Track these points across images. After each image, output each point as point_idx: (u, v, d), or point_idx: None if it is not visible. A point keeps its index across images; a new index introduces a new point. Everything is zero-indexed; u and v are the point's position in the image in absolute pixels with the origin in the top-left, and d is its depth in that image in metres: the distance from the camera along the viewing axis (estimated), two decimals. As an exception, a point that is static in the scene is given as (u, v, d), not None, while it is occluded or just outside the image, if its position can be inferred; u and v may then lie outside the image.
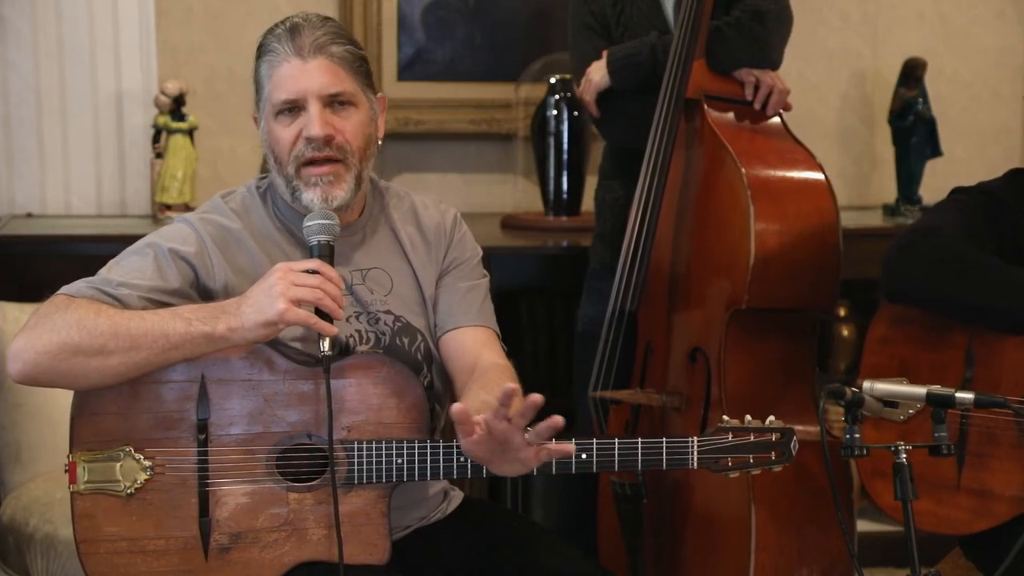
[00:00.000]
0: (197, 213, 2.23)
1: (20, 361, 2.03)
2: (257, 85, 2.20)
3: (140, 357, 2.02)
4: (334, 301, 2.04)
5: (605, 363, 2.96)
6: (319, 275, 2.04)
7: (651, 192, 2.89)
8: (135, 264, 2.12)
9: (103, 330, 2.01)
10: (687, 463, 2.15)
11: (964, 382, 2.42)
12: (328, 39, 2.15)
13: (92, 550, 2.08)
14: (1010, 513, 2.36)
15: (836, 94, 4.33)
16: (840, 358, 4.10)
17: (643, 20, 3.12)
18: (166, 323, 2.03)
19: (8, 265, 3.43)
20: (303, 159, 2.14)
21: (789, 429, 2.18)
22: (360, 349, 2.20)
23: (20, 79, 3.79)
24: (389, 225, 2.29)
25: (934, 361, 2.46)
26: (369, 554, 2.11)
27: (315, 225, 2.10)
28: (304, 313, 2.02)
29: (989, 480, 2.38)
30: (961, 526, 2.41)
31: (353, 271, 2.23)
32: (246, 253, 2.18)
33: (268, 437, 2.10)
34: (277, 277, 2.03)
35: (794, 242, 2.74)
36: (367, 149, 2.19)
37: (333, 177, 2.15)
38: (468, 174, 4.14)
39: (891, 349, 2.51)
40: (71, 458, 2.08)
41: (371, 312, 2.22)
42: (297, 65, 2.13)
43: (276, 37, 2.16)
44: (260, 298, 2.02)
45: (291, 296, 2.01)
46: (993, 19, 4.40)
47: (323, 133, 2.13)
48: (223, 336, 2.03)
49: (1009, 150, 4.46)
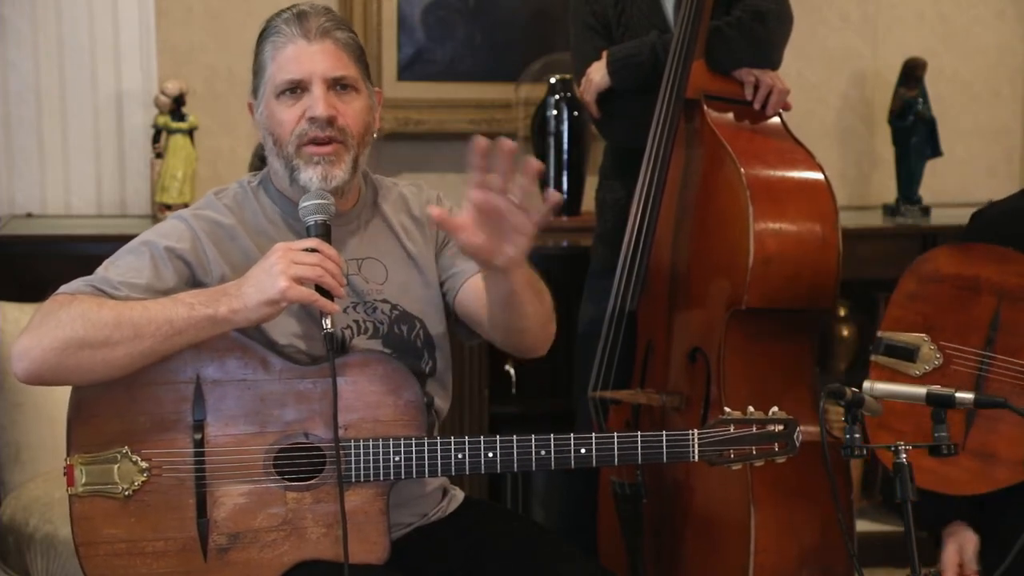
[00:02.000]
0: (191, 209, 2.24)
1: (27, 359, 2.02)
2: (258, 67, 2.22)
3: (145, 345, 2.02)
4: (335, 278, 2.05)
5: (605, 363, 2.96)
6: (318, 253, 2.05)
7: (651, 192, 2.89)
8: (132, 263, 2.13)
9: (107, 321, 2.01)
10: (688, 456, 2.15)
11: (986, 343, 2.43)
12: (333, 25, 2.19)
13: (91, 552, 2.08)
14: (1009, 479, 2.37)
15: (836, 94, 4.33)
16: (840, 358, 4.11)
17: (643, 20, 3.12)
18: (169, 309, 2.03)
19: (8, 265, 3.43)
20: (305, 138, 2.16)
21: (792, 420, 2.18)
22: (358, 339, 2.21)
23: (20, 79, 3.79)
24: (381, 215, 2.31)
25: (959, 321, 2.46)
26: (368, 552, 2.11)
27: (311, 205, 2.11)
28: (306, 290, 2.02)
29: (994, 444, 2.38)
30: (960, 486, 2.41)
31: (348, 261, 2.23)
32: (240, 248, 2.18)
33: (265, 437, 2.10)
34: (277, 256, 2.03)
35: (793, 242, 2.74)
36: (365, 135, 2.21)
37: (334, 157, 2.16)
38: (468, 174, 4.13)
39: (917, 306, 2.51)
40: (68, 461, 2.08)
41: (367, 302, 2.23)
42: (303, 46, 2.16)
43: (283, 20, 2.19)
44: (261, 277, 2.03)
45: (292, 274, 2.01)
46: (993, 19, 4.40)
47: (327, 113, 2.14)
48: (226, 318, 2.03)
49: (1009, 150, 4.46)
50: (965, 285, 2.47)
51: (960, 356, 2.43)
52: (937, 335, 2.45)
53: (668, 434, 2.15)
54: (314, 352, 2.14)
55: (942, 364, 2.43)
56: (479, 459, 2.11)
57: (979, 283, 2.46)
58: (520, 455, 2.12)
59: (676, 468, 2.86)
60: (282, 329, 2.13)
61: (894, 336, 2.45)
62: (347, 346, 2.20)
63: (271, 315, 2.05)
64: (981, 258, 2.47)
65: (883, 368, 2.47)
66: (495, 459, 2.11)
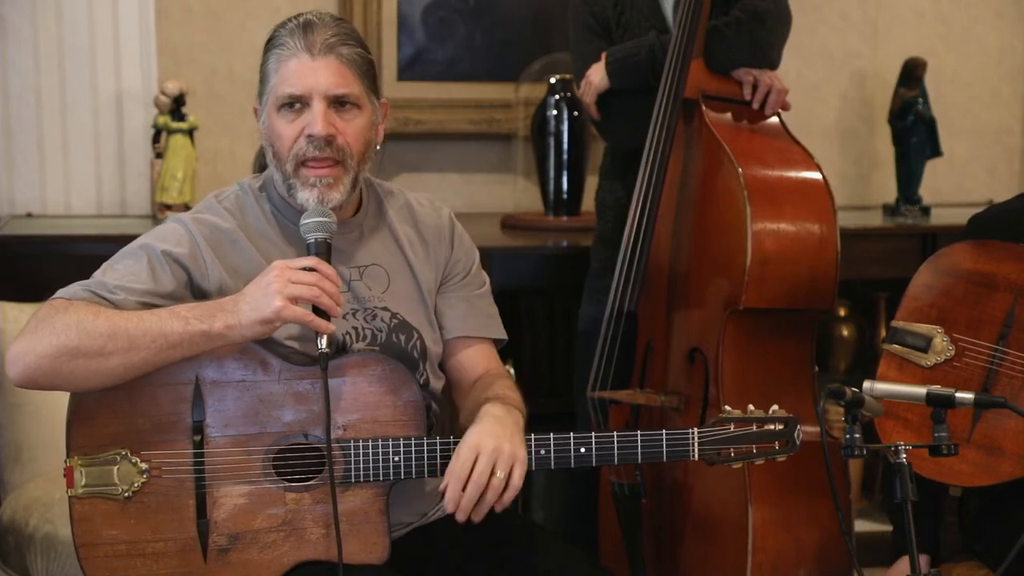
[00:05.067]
0: (191, 213, 2.23)
1: (20, 364, 2.03)
2: (263, 75, 2.20)
3: (139, 357, 2.02)
4: (331, 298, 2.05)
5: (604, 363, 2.96)
6: (316, 272, 2.04)
7: (649, 192, 2.89)
8: (130, 267, 2.12)
9: (102, 331, 2.01)
10: (688, 455, 2.15)
11: (999, 338, 2.44)
12: (339, 40, 2.15)
13: (91, 554, 2.08)
14: (1012, 473, 2.37)
15: (836, 94, 4.33)
16: (840, 358, 4.10)
17: (642, 21, 3.12)
18: (164, 323, 2.03)
19: (8, 265, 3.43)
20: (303, 157, 2.14)
21: (792, 418, 2.18)
22: (357, 346, 2.20)
23: (20, 79, 3.79)
24: (386, 223, 2.30)
25: (973, 316, 2.47)
26: (368, 552, 2.11)
27: (312, 223, 2.10)
28: (301, 311, 2.02)
29: (1000, 437, 2.39)
30: (963, 478, 2.42)
31: (351, 268, 2.23)
32: (240, 252, 2.18)
33: (264, 437, 2.10)
34: (274, 275, 2.03)
35: (792, 242, 2.74)
36: (366, 153, 2.20)
37: (332, 180, 2.15)
38: (468, 174, 4.14)
39: (932, 298, 2.52)
40: (68, 462, 2.08)
41: (368, 309, 2.23)
42: (306, 61, 2.13)
43: (288, 31, 2.16)
44: (257, 296, 2.03)
45: (288, 293, 2.01)
46: (993, 19, 4.40)
47: (325, 132, 2.13)
48: (220, 334, 2.03)
49: (1009, 150, 4.46)
50: (982, 281, 2.48)
51: (972, 350, 2.45)
52: (951, 328, 2.47)
53: (668, 433, 2.14)
54: (313, 353, 2.13)
55: (954, 356, 2.45)
56: None
57: (996, 279, 2.47)
58: None
59: (675, 468, 2.86)
60: (284, 329, 2.12)
61: (908, 326, 2.48)
62: (346, 352, 2.20)
63: (265, 333, 2.05)
64: (1000, 255, 2.48)
65: (895, 357, 2.49)
66: None
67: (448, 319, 2.32)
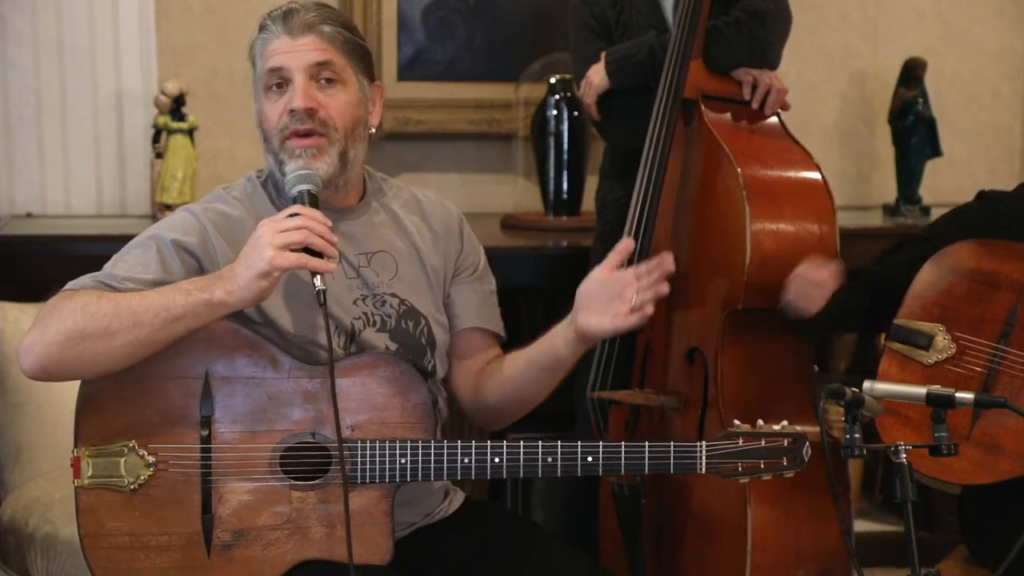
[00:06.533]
0: (200, 202, 2.25)
1: (32, 355, 2.04)
2: (252, 65, 2.24)
3: (144, 333, 2.02)
4: (322, 238, 2.04)
5: (604, 363, 2.96)
6: (301, 216, 2.05)
7: (648, 192, 2.89)
8: (139, 258, 2.13)
9: (106, 311, 2.01)
10: (695, 468, 2.15)
11: (1000, 337, 2.45)
12: (318, 19, 2.19)
13: (95, 544, 2.09)
14: (1012, 472, 2.38)
15: (836, 94, 4.33)
16: (840, 358, 4.10)
17: (642, 20, 3.12)
18: (166, 297, 2.04)
19: (8, 265, 3.43)
20: (288, 131, 2.16)
21: (801, 435, 2.17)
22: (367, 331, 2.21)
23: (20, 79, 3.79)
24: (391, 211, 2.32)
25: (974, 315, 2.48)
26: (372, 553, 2.11)
27: (295, 176, 2.13)
28: (293, 255, 2.02)
29: (1000, 436, 2.39)
30: (962, 476, 2.43)
31: (359, 254, 2.25)
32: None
33: (271, 435, 2.10)
34: (262, 231, 2.03)
35: (791, 243, 2.74)
36: (354, 129, 2.20)
37: (316, 150, 2.16)
38: (468, 174, 4.14)
39: (935, 296, 2.53)
40: (75, 453, 2.09)
41: (377, 295, 2.24)
42: (287, 41, 2.17)
43: (272, 19, 2.21)
44: (249, 254, 2.03)
45: (278, 243, 2.01)
46: (993, 19, 4.40)
47: (305, 105, 2.15)
48: (222, 300, 2.03)
49: (1009, 150, 4.46)
50: (985, 280, 2.49)
51: (974, 348, 2.45)
52: (952, 326, 2.48)
53: (676, 446, 2.14)
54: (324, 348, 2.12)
55: (955, 354, 2.46)
56: (485, 464, 2.12)
57: (999, 278, 2.48)
58: (527, 461, 2.12)
59: (676, 468, 2.86)
60: (297, 320, 2.15)
61: (910, 324, 2.50)
62: (357, 338, 2.21)
63: (266, 289, 2.04)
64: (1003, 254, 2.49)
65: (896, 355, 2.49)
66: (501, 464, 2.11)
67: (461, 308, 2.34)
